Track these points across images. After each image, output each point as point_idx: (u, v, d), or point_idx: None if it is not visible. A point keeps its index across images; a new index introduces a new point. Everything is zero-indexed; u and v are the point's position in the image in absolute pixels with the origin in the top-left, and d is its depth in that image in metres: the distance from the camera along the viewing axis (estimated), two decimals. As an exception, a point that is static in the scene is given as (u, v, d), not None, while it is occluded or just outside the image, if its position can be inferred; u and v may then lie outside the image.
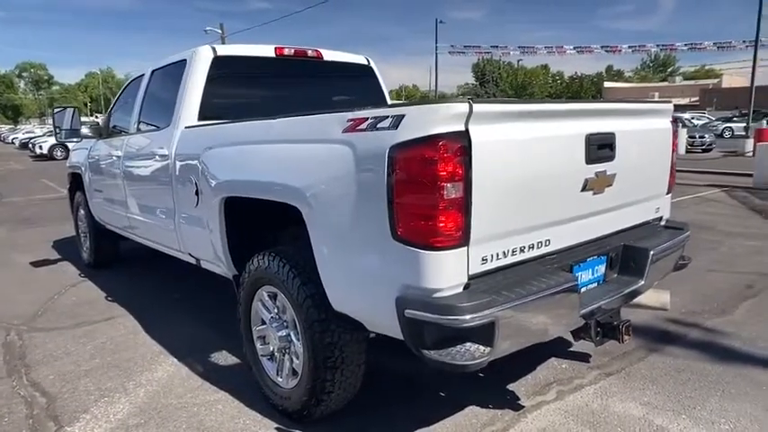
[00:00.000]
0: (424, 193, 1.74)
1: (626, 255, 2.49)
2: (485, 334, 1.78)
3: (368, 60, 4.20)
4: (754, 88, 19.80)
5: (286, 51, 3.69)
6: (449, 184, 1.72)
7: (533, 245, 2.07)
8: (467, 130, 1.75)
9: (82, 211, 5.45)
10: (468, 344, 1.81)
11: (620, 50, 43.72)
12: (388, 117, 1.83)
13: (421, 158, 1.73)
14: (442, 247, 1.76)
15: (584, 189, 2.21)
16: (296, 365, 2.45)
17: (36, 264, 5.69)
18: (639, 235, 2.62)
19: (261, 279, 2.57)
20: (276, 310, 2.55)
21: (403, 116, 1.78)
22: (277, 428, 2.49)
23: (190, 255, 3.37)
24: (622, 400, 2.70)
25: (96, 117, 54.86)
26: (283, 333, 2.51)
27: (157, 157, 3.45)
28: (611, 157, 2.30)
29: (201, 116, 3.30)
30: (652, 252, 2.45)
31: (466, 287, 1.83)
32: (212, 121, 3.15)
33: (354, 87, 4.13)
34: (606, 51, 38.72)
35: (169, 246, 3.61)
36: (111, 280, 4.96)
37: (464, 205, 1.77)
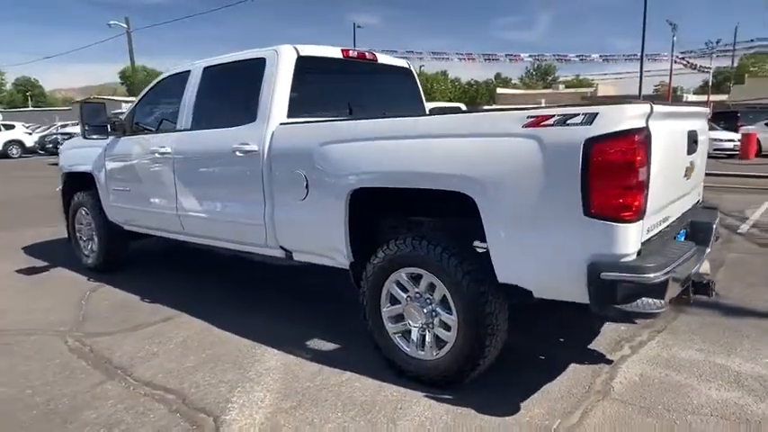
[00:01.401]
0: (620, 176, 2.14)
1: (694, 228, 3.08)
2: (660, 289, 2.22)
3: (409, 65, 4.51)
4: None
5: (351, 53, 3.90)
6: (640, 169, 2.15)
7: (662, 220, 2.56)
8: (647, 126, 2.18)
9: (84, 212, 5.16)
10: (644, 298, 2.24)
11: (521, 59, 47.02)
12: (578, 114, 2.21)
13: (618, 148, 2.13)
14: (630, 219, 2.18)
15: (684, 174, 2.75)
16: (445, 336, 2.73)
17: (23, 271, 5.27)
18: (695, 213, 3.23)
19: (399, 262, 2.82)
20: (417, 290, 2.81)
21: (596, 114, 2.17)
22: (426, 396, 2.75)
23: (281, 248, 3.47)
24: (682, 348, 3.30)
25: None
26: (428, 309, 2.78)
27: (238, 152, 3.50)
28: (695, 150, 2.86)
29: (289, 113, 3.44)
30: (714, 225, 3.06)
31: (638, 253, 2.27)
32: (322, 119, 3.30)
33: (400, 88, 4.42)
34: (510, 60, 41.63)
35: (248, 241, 3.66)
36: (132, 282, 4.77)
37: (645, 186, 2.20)
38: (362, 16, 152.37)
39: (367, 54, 4.05)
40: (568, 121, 2.23)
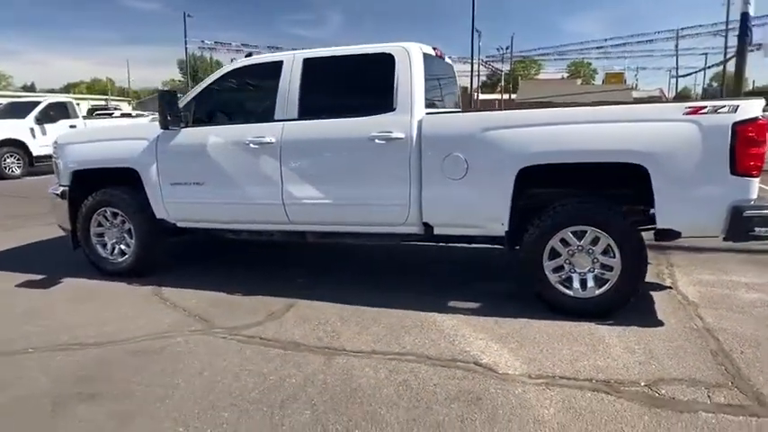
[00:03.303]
0: (756, 147, 3.22)
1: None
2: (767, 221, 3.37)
3: (451, 62, 5.16)
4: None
5: (438, 52, 4.43)
6: (765, 142, 3.26)
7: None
8: (765, 116, 3.30)
9: (110, 213, 4.66)
10: (757, 227, 3.37)
11: None
12: (725, 106, 3.24)
13: (754, 128, 3.20)
14: (757, 176, 3.28)
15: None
16: (608, 276, 3.56)
17: (24, 285, 4.58)
18: None
19: (568, 223, 3.55)
20: (580, 243, 3.57)
21: (738, 105, 3.22)
22: (598, 324, 3.52)
23: (424, 224, 3.89)
24: (699, 275, 4.62)
25: None
26: (592, 257, 3.57)
27: (378, 140, 3.81)
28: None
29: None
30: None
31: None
32: (477, 109, 3.79)
33: (450, 81, 5.03)
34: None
35: (382, 221, 3.97)
36: (183, 280, 4.59)
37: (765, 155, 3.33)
38: (138, 1, 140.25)
39: (440, 53, 4.60)
40: (719, 110, 3.24)
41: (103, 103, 45.81)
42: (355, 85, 4.14)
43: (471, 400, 2.65)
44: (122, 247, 4.72)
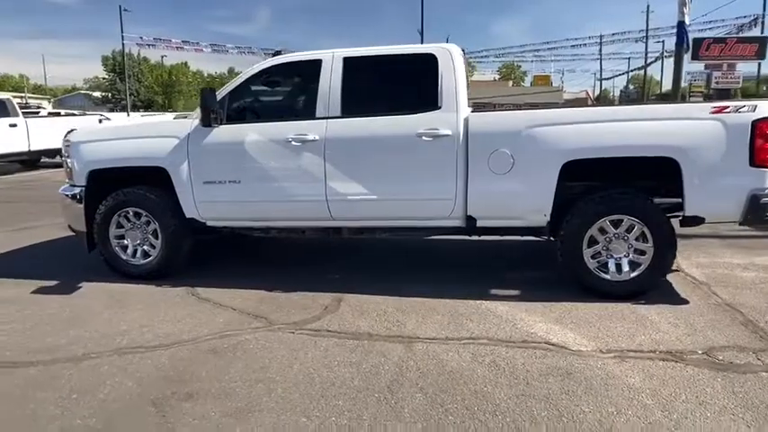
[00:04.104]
0: (771, 141, 3.67)
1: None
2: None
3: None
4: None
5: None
6: (782, 138, 3.71)
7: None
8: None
9: (132, 213, 4.50)
10: (770, 213, 3.82)
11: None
12: (746, 105, 3.65)
13: (770, 125, 3.65)
14: (773, 168, 3.73)
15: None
16: (641, 260, 3.90)
17: (40, 291, 4.36)
18: None
19: (607, 212, 3.87)
20: (616, 231, 3.89)
21: (756, 105, 3.64)
22: (633, 303, 3.86)
23: (468, 216, 4.08)
24: (696, 257, 5.10)
25: None
26: (627, 244, 3.91)
27: (425, 137, 3.96)
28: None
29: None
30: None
31: (766, 188, 3.84)
32: (519, 109, 4.01)
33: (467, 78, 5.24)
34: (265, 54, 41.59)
35: (426, 215, 4.12)
36: (215, 279, 4.55)
37: (779, 148, 3.77)
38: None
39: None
40: (740, 110, 3.66)
41: (20, 100, 42.50)
42: (397, 84, 4.27)
43: (563, 374, 2.87)
44: (146, 248, 4.57)
